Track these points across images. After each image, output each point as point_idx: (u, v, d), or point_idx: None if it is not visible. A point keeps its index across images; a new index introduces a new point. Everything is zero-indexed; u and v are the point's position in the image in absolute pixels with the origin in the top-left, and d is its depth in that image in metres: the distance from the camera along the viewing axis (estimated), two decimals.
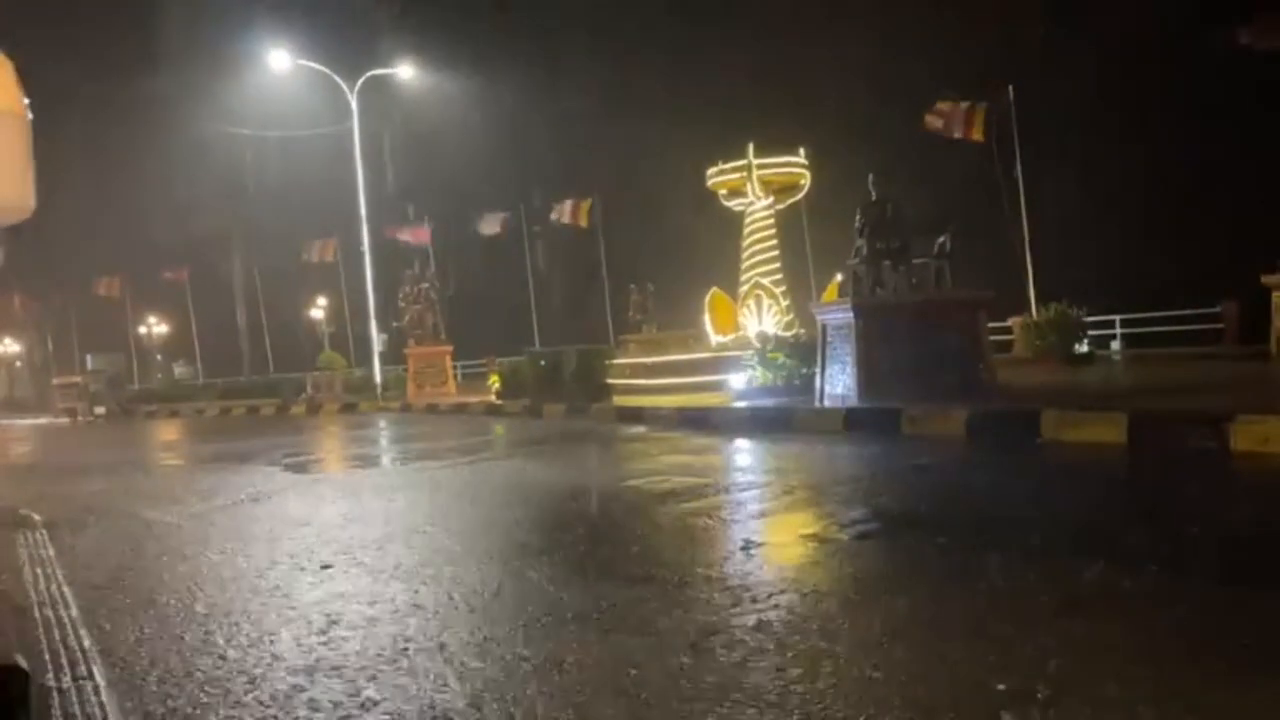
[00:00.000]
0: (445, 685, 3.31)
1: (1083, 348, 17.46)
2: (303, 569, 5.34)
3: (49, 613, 4.60)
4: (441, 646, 3.74)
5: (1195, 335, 18.46)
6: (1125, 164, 24.15)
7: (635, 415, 14.44)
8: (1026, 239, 20.54)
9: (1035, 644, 3.34)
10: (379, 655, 3.68)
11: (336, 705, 3.18)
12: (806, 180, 18.51)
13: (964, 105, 20.71)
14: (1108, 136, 24.44)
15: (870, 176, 12.54)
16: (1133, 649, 3.27)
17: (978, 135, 20.69)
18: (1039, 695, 2.88)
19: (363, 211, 27.55)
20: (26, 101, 3.12)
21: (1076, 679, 3.01)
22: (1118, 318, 20.47)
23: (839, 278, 15.80)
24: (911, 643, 3.46)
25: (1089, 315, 18.26)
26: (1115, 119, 24.37)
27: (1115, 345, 20.23)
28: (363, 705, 3.18)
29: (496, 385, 19.97)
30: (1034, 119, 20.86)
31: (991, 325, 13.10)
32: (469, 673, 3.42)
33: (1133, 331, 20.55)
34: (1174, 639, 3.36)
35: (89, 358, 46.25)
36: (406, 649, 3.74)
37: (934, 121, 21.01)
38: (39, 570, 5.65)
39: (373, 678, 3.43)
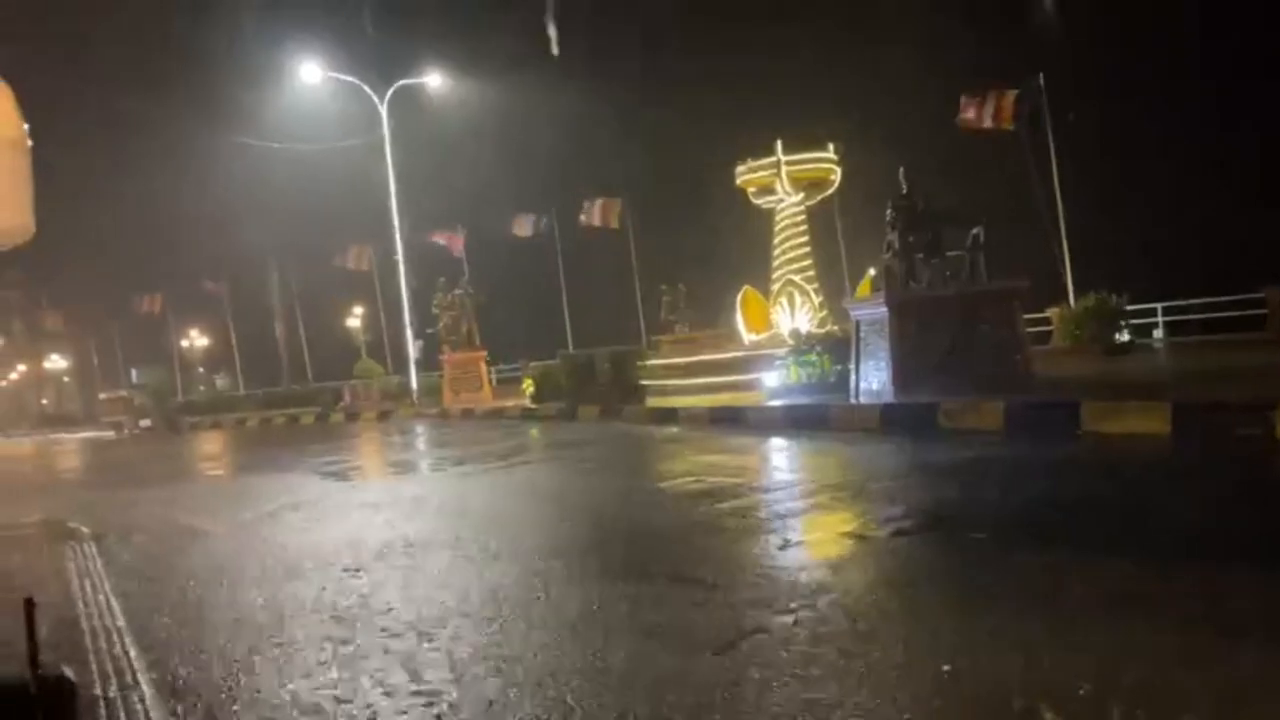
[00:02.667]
0: (484, 684, 3.32)
1: (1123, 337, 17.15)
2: (345, 575, 5.39)
3: (96, 623, 4.69)
4: (478, 647, 3.76)
5: (1238, 322, 18.04)
6: (1164, 149, 23.74)
7: (669, 416, 14.43)
8: (1063, 228, 20.25)
9: (1077, 643, 3.29)
10: (422, 660, 3.70)
11: (377, 715, 3.21)
12: (837, 176, 18.38)
13: (993, 93, 20.43)
14: (1145, 121, 24.03)
15: (901, 170, 12.42)
16: (1179, 649, 3.20)
17: (1007, 123, 20.41)
18: (1080, 695, 2.83)
19: (395, 220, 27.81)
20: (26, 127, 3.17)
21: (1119, 680, 2.96)
22: (1159, 305, 20.07)
23: (872, 273, 15.68)
24: (951, 642, 3.42)
25: (1129, 304, 17.93)
26: (1152, 103, 23.95)
27: (1157, 334, 19.84)
28: (405, 712, 3.20)
29: (531, 389, 20.06)
30: (1067, 106, 20.58)
31: (1028, 316, 12.92)
32: (508, 672, 3.43)
33: (1174, 319, 20.15)
34: (1224, 637, 3.29)
35: (134, 372, 47.22)
36: (448, 651, 3.76)
37: (966, 116, 20.76)
38: (87, 582, 5.77)
39: (416, 677, 3.45)
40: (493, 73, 31.93)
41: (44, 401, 67.60)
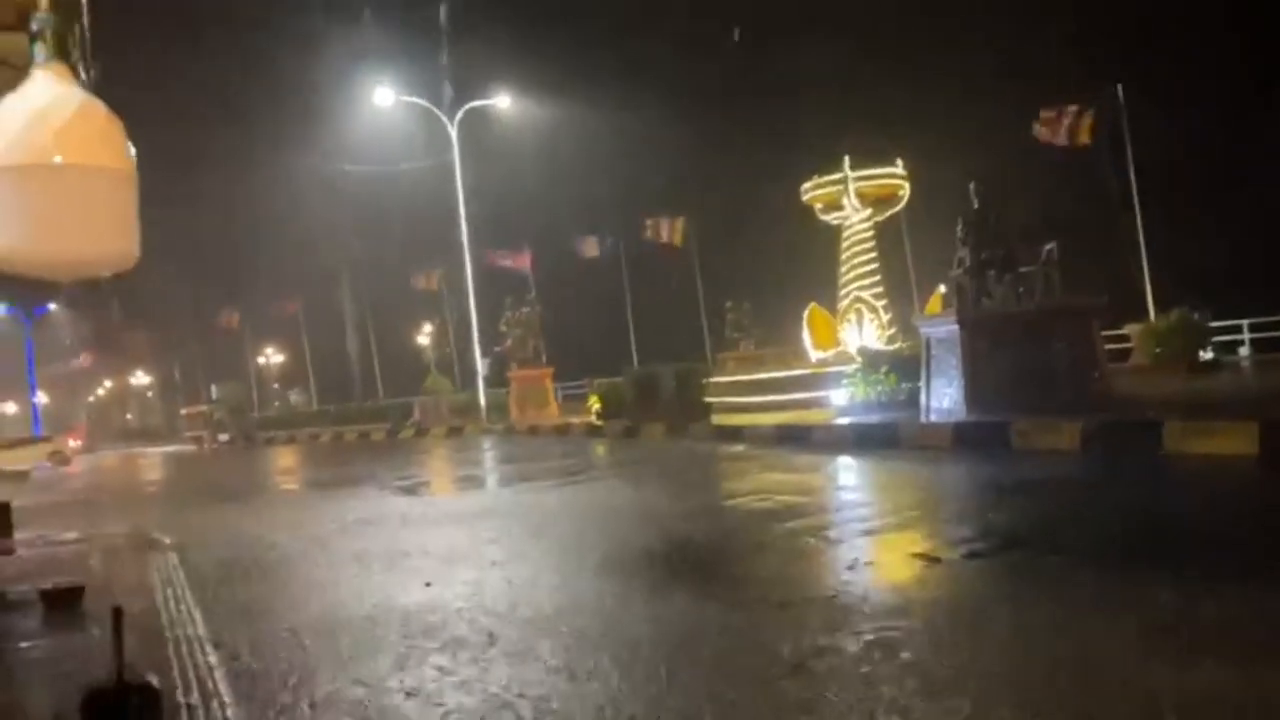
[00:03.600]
0: (551, 704, 3.34)
1: (1207, 354, 16.54)
2: (415, 588, 5.48)
3: (179, 632, 4.83)
4: (551, 667, 3.78)
5: None
6: (1246, 160, 22.90)
7: (735, 434, 14.35)
8: (1142, 243, 19.66)
9: (1156, 676, 3.17)
10: (495, 681, 3.73)
11: (440, 714, 3.25)
12: (905, 191, 18.14)
13: (1071, 110, 19.96)
14: (1228, 132, 23.23)
15: (972, 184, 12.21)
16: (1263, 683, 3.07)
17: (1084, 139, 19.92)
18: None
19: (465, 239, 28.29)
20: (134, 156, 3.30)
21: (1202, 710, 2.85)
22: (1245, 322, 19.31)
23: (942, 289, 15.40)
24: (1025, 671, 3.33)
25: (1213, 320, 17.28)
26: (1233, 114, 23.15)
27: (1243, 351, 19.10)
28: None
29: (596, 406, 20.16)
30: (1147, 117, 19.99)
31: (1106, 333, 12.55)
32: (579, 693, 3.44)
33: (1263, 336, 19.36)
34: None
35: (213, 387, 48.70)
36: (510, 676, 3.79)
37: (1043, 131, 20.32)
38: (170, 591, 5.96)
39: (484, 707, 3.48)
40: (559, 93, 32.33)
41: (128, 416, 70.22)
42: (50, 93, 3.12)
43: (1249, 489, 6.92)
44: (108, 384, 70.43)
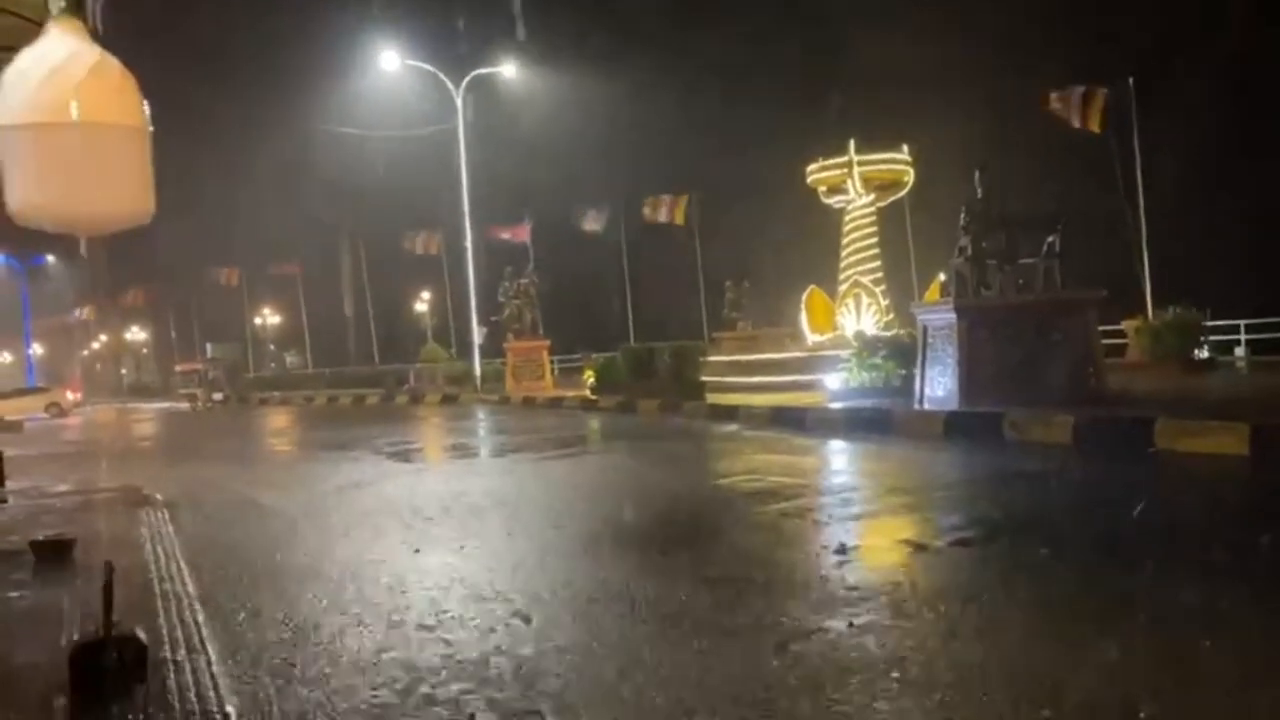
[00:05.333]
0: (537, 678, 3.36)
1: (1203, 353, 16.55)
2: (404, 554, 5.50)
3: (167, 588, 4.85)
4: (531, 642, 3.81)
5: None
6: (1254, 158, 22.81)
7: (729, 413, 14.38)
8: (1144, 237, 19.62)
9: (1139, 664, 3.20)
10: (474, 655, 3.76)
11: (430, 685, 3.27)
12: (909, 177, 18.09)
13: (1079, 90, 19.78)
14: (1234, 129, 23.13)
15: (976, 173, 12.15)
16: (1237, 672, 3.10)
17: (1094, 125, 19.78)
18: (1141, 716, 2.76)
19: (466, 208, 28.16)
20: (148, 114, 3.31)
21: (1182, 704, 2.88)
22: (1242, 322, 19.32)
23: (942, 277, 15.38)
24: (1009, 658, 3.36)
25: (1211, 319, 17.28)
26: (1242, 111, 23.02)
27: (1239, 351, 19.11)
28: (457, 702, 3.26)
29: (591, 380, 20.16)
30: (1155, 110, 19.88)
31: (1104, 328, 12.55)
32: (560, 669, 3.47)
33: (1260, 337, 19.38)
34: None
35: (209, 346, 48.67)
36: (496, 646, 3.81)
37: (1057, 105, 20.13)
38: (159, 548, 5.98)
39: (469, 676, 3.51)
40: (565, 65, 32.08)
41: (123, 371, 70.13)
42: (65, 49, 3.13)
43: (1237, 489, 6.95)
44: (103, 338, 70.28)
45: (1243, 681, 3.03)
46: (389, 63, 27.43)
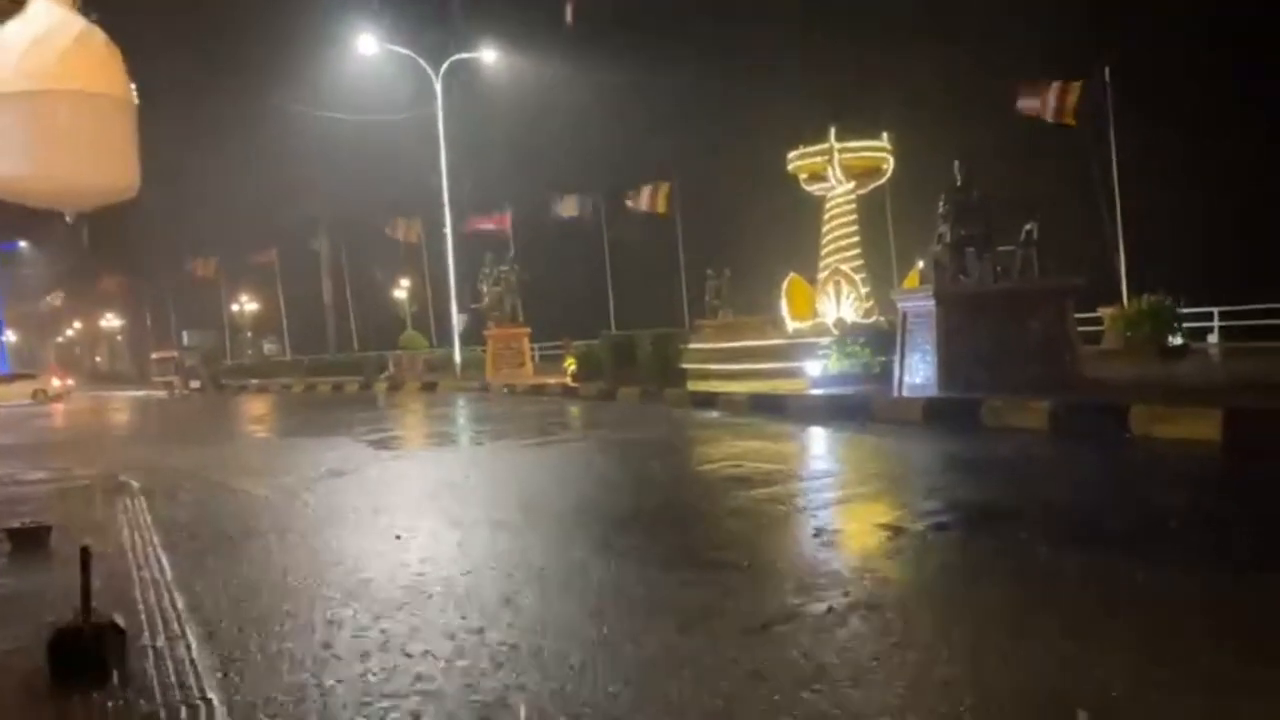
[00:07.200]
0: (516, 661, 3.38)
1: (1177, 340, 16.75)
2: (383, 541, 5.49)
3: (145, 574, 4.83)
4: (510, 625, 3.82)
5: None
6: (1228, 148, 23.03)
7: (709, 400, 14.41)
8: (1120, 226, 19.80)
9: (1110, 645, 3.25)
10: (451, 638, 3.76)
11: (408, 671, 3.28)
12: (889, 165, 18.13)
13: (1056, 85, 19.91)
14: (1209, 119, 23.33)
15: (956, 161, 12.22)
16: (1209, 654, 3.15)
17: (1069, 119, 19.91)
18: (1113, 696, 2.81)
19: (445, 194, 27.99)
20: (133, 87, 3.28)
21: (1153, 683, 2.93)
22: (1215, 310, 19.56)
23: (920, 265, 15.46)
24: (984, 638, 3.40)
25: (1185, 306, 17.48)
26: (1217, 101, 23.23)
27: (1211, 338, 19.35)
28: (431, 678, 3.27)
29: (572, 367, 20.13)
30: (1130, 100, 20.03)
31: (1080, 315, 12.66)
32: (539, 652, 3.48)
33: (1232, 324, 19.63)
34: (1260, 649, 3.23)
35: (185, 334, 48.22)
36: (478, 629, 3.82)
37: (1027, 103, 20.26)
38: (137, 535, 5.94)
39: (446, 659, 3.51)
40: (547, 52, 31.89)
41: (97, 359, 69.39)
42: (50, 19, 3.09)
43: (1209, 474, 7.05)
44: (77, 325, 69.47)
45: (1213, 658, 3.08)
46: (367, 47, 27.18)
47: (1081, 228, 19.43)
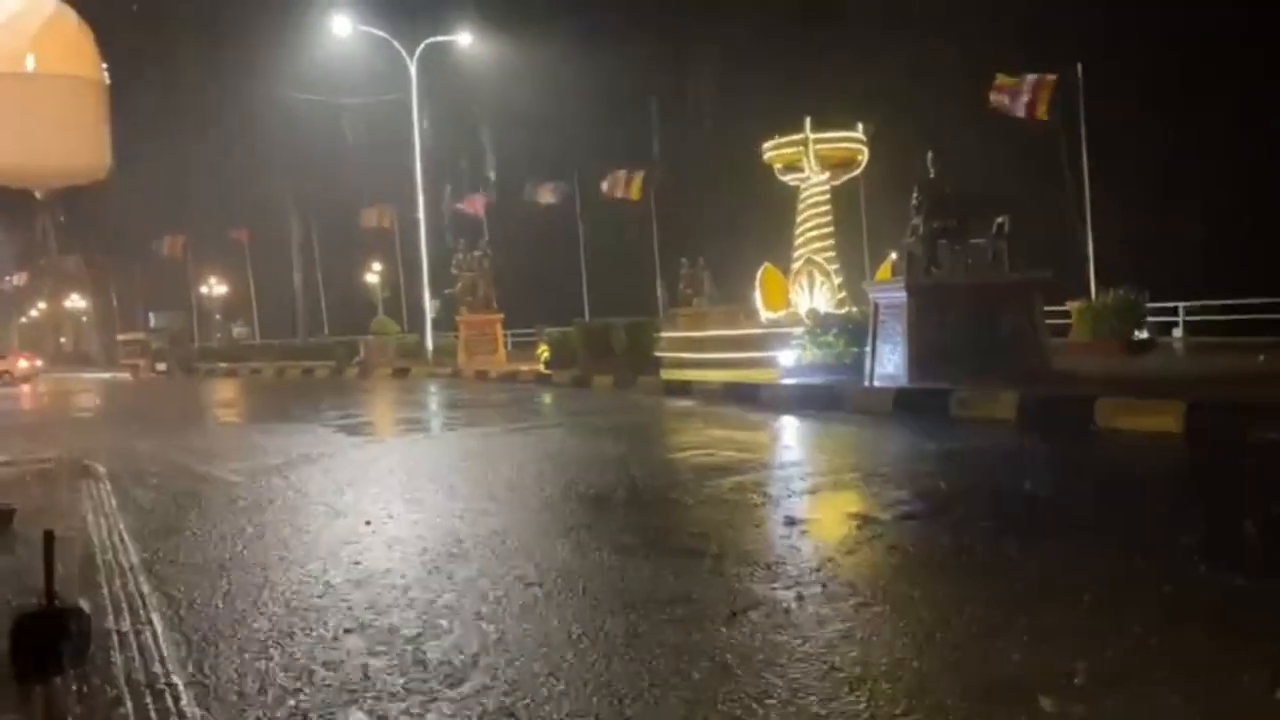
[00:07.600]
0: (483, 648, 3.38)
1: (1142, 334, 17.00)
2: (352, 527, 5.47)
3: (110, 559, 4.78)
4: (478, 614, 3.82)
5: (1265, 325, 17.83)
6: (1197, 146, 23.36)
7: (683, 389, 14.45)
8: (1089, 221, 20.03)
9: (1074, 632, 3.31)
10: (419, 619, 3.76)
11: (375, 655, 3.27)
12: (864, 156, 18.21)
13: (1030, 78, 20.05)
14: (1179, 117, 23.64)
15: (929, 154, 12.31)
16: (1171, 642, 3.22)
17: (1042, 114, 20.07)
18: (1075, 683, 2.86)
19: (418, 179, 27.76)
20: (105, 67, 3.25)
21: (1113, 670, 2.99)
22: (1181, 305, 19.87)
23: (893, 256, 15.57)
24: (950, 625, 3.45)
25: (1151, 301, 17.74)
26: (1187, 99, 23.54)
27: (1176, 333, 19.67)
28: (401, 671, 3.27)
29: (545, 355, 20.09)
30: (1102, 97, 20.23)
31: (1049, 309, 12.81)
32: (504, 639, 3.49)
33: (1197, 319, 19.95)
34: (1214, 634, 3.30)
35: (152, 316, 47.50)
36: (447, 611, 3.82)
37: (999, 99, 20.41)
38: (102, 520, 5.87)
39: (413, 640, 3.51)
40: (523, 36, 31.66)
41: (62, 340, 68.27)
42: (21, 1, 3.05)
43: (1170, 465, 7.18)
44: (41, 306, 68.28)
45: (1173, 641, 3.15)
46: (341, 28, 26.85)
47: (1052, 222, 19.63)
